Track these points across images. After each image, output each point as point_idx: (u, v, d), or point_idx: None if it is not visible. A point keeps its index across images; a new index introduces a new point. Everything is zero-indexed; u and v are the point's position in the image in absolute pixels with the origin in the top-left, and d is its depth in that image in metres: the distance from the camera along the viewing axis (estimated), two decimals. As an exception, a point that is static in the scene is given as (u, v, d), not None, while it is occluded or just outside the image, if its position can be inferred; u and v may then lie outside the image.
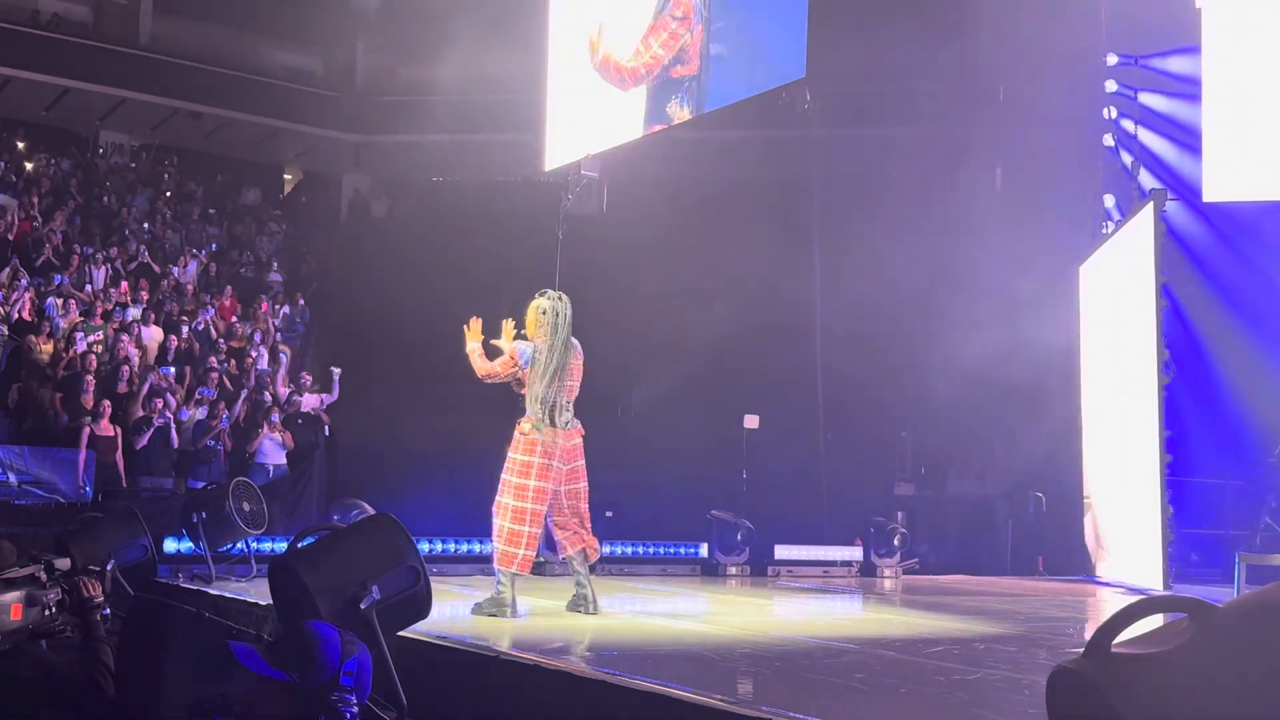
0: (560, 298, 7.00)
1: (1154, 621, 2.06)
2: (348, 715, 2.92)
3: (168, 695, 4.03)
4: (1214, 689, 1.73)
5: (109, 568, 6.10)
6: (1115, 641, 1.90)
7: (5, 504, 11.77)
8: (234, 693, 3.79)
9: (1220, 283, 12.78)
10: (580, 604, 6.95)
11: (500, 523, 6.74)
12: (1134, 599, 2.15)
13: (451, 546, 9.98)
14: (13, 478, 12.15)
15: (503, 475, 6.83)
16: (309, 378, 15.09)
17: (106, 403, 12.85)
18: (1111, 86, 13.52)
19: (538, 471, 6.73)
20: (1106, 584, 11.63)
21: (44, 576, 4.39)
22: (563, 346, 6.91)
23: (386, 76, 23.02)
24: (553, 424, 6.79)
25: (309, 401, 14.56)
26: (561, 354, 6.89)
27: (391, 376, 15.82)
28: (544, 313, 6.91)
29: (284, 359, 15.59)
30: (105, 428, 12.71)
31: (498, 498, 6.81)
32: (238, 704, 2.99)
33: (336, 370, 14.86)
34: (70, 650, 4.51)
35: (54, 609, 4.38)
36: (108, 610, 4.49)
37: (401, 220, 21.46)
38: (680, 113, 13.22)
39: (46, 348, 14.05)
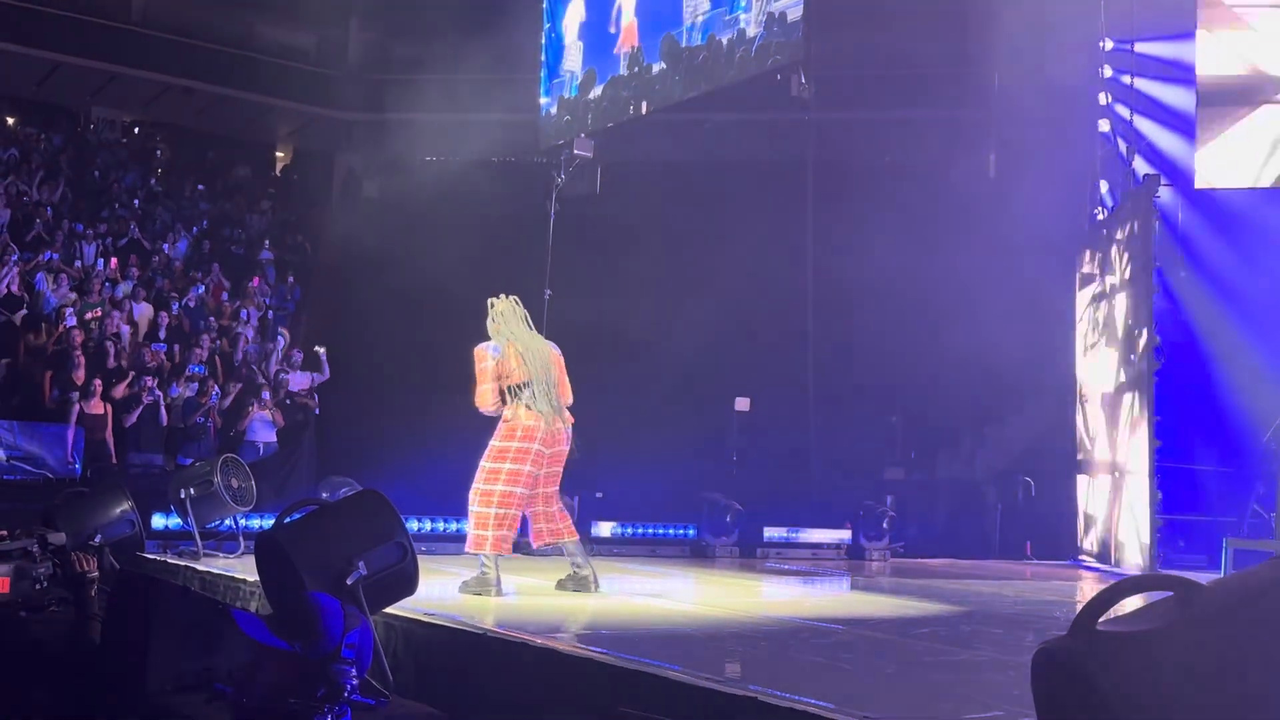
0: (503, 297, 7.01)
1: (1141, 601, 2.05)
2: (348, 686, 2.92)
3: (153, 668, 4.03)
4: (1200, 667, 1.72)
5: (96, 542, 6.09)
6: (1100, 620, 1.89)
7: (-7, 479, 11.76)
8: (219, 665, 3.79)
9: (1212, 269, 12.80)
10: (582, 585, 6.93)
11: (470, 506, 6.77)
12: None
13: (440, 525, 9.98)
14: (1, 453, 12.13)
15: (480, 461, 6.84)
16: (300, 355, 15.07)
17: (97, 380, 12.82)
18: (1107, 72, 13.49)
19: (514, 455, 6.71)
20: (1094, 568, 11.67)
21: (36, 550, 4.39)
22: (525, 337, 6.92)
23: (380, 55, 22.90)
24: (534, 409, 6.77)
25: (299, 380, 14.54)
26: (527, 343, 6.89)
27: (381, 356, 15.80)
28: (492, 320, 6.94)
29: (281, 341, 15.52)
30: (95, 405, 12.68)
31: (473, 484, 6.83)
32: (238, 673, 2.98)
33: (321, 349, 14.83)
34: (59, 624, 4.51)
35: (44, 583, 4.37)
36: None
37: (393, 199, 21.38)
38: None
39: (37, 323, 14.01)
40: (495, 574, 6.65)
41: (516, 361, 6.81)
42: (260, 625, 2.94)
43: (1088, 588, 9.91)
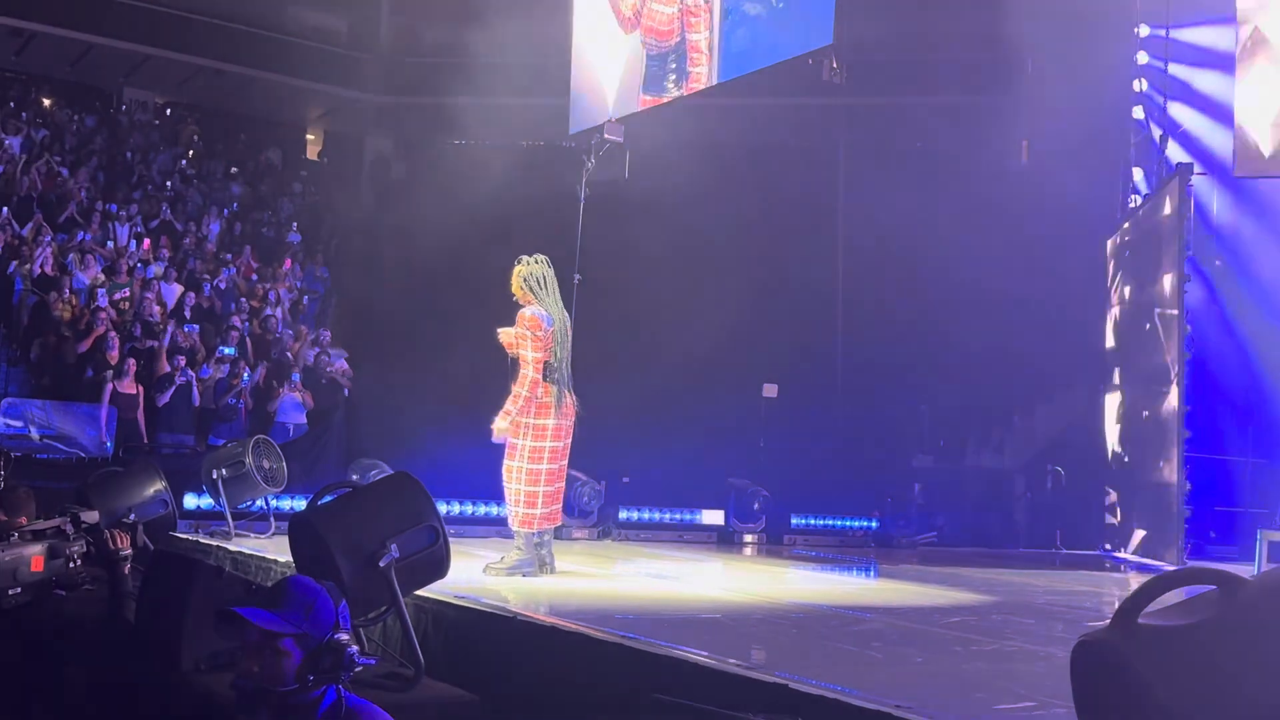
0: (544, 260, 6.88)
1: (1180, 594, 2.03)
2: (354, 654, 2.96)
3: (186, 647, 4.06)
4: (1244, 662, 1.70)
5: (130, 519, 6.13)
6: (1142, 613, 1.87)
7: (26, 457, 11.84)
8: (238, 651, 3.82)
9: (1247, 258, 12.65)
10: (543, 566, 6.92)
11: (517, 486, 6.73)
12: (1151, 575, 2.12)
13: (469, 508, 10.02)
14: (34, 431, 12.22)
15: (510, 438, 6.78)
16: (328, 334, 15.12)
17: (131, 360, 12.91)
18: (1143, 58, 13.33)
19: (553, 433, 6.75)
20: (1122, 559, 11.60)
21: (70, 529, 4.42)
22: (562, 311, 6.89)
23: (411, 38, 22.89)
24: (561, 386, 6.77)
25: (328, 361, 14.58)
26: (564, 317, 6.88)
27: (410, 338, 15.83)
28: (541, 279, 6.80)
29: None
30: (128, 385, 12.77)
31: (507, 460, 6.79)
32: (241, 663, 3.01)
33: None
34: (94, 602, 4.55)
35: (77, 561, 4.40)
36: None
37: (422, 183, 21.41)
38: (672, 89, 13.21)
39: (69, 303, 14.11)
40: (546, 551, 6.73)
41: (558, 339, 6.76)
42: (270, 615, 2.96)
43: (1117, 579, 9.85)
